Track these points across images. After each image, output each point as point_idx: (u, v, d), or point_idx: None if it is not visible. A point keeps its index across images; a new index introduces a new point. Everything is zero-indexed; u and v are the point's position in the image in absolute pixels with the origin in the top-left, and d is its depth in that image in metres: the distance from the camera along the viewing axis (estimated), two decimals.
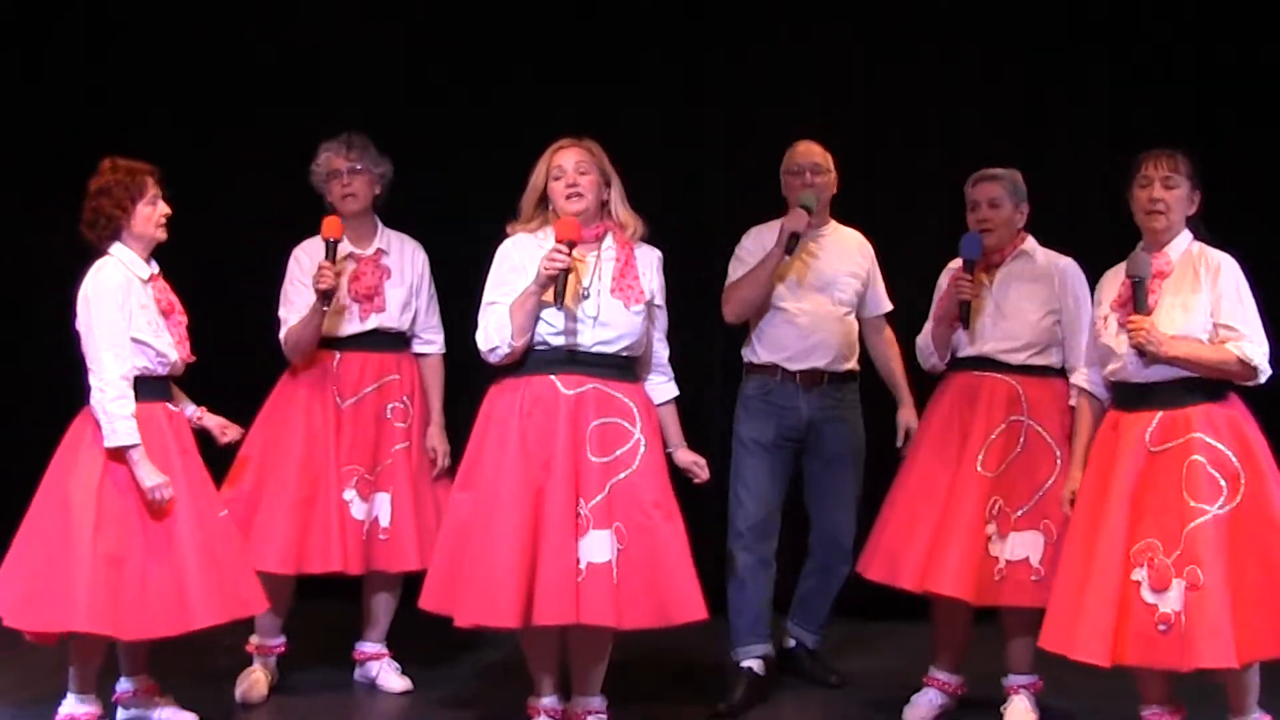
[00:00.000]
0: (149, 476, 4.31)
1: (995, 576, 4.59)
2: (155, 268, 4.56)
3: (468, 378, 4.61)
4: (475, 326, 4.42)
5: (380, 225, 5.13)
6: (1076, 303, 4.74)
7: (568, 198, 4.41)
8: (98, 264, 4.44)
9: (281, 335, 4.96)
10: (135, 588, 4.30)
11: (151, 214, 4.47)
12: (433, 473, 5.09)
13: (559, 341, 4.36)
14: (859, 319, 5.19)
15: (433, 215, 5.65)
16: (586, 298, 4.37)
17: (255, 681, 4.95)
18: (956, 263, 4.85)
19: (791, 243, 4.90)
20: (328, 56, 6.32)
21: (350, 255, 5.01)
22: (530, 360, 4.38)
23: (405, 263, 5.12)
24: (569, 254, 4.28)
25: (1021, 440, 4.66)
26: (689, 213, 6.20)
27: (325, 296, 4.83)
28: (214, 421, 4.66)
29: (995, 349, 4.74)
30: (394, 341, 5.09)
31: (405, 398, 5.06)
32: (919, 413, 5.06)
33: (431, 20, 6.37)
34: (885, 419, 5.23)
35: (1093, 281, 4.63)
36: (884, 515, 4.89)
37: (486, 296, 4.42)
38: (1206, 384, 4.19)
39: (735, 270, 5.12)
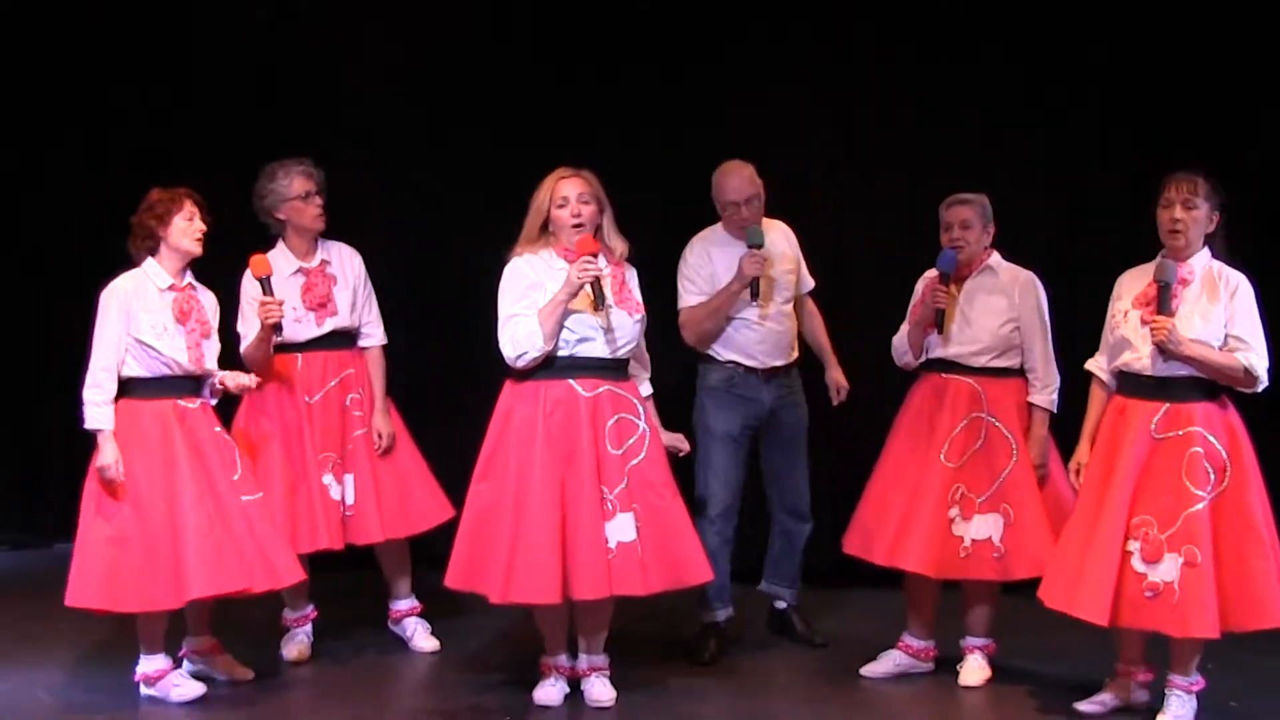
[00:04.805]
0: (102, 457, 4.76)
1: (961, 554, 5.06)
2: (186, 280, 4.95)
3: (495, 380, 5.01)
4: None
5: (319, 238, 5.53)
6: (1034, 311, 5.16)
7: (574, 227, 4.80)
8: (121, 275, 4.89)
9: (241, 350, 5.32)
10: (134, 564, 4.73)
11: (187, 228, 4.90)
12: (378, 450, 5.51)
13: (576, 350, 4.78)
14: None
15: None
16: (610, 306, 4.80)
17: (300, 643, 5.50)
18: (932, 273, 5.23)
19: (755, 287, 5.24)
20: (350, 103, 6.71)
21: (299, 269, 5.43)
22: (549, 367, 4.78)
23: (346, 268, 5.53)
24: (595, 263, 4.74)
25: (982, 434, 5.09)
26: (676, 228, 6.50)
27: (277, 327, 5.19)
28: (231, 380, 5.07)
29: (959, 353, 5.16)
30: (346, 339, 5.53)
31: (360, 389, 5.52)
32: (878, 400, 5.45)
33: (441, 56, 6.75)
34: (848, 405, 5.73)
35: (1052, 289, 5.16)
36: (864, 498, 5.33)
37: (507, 310, 4.78)
38: (1209, 385, 4.64)
39: (686, 290, 5.39)
